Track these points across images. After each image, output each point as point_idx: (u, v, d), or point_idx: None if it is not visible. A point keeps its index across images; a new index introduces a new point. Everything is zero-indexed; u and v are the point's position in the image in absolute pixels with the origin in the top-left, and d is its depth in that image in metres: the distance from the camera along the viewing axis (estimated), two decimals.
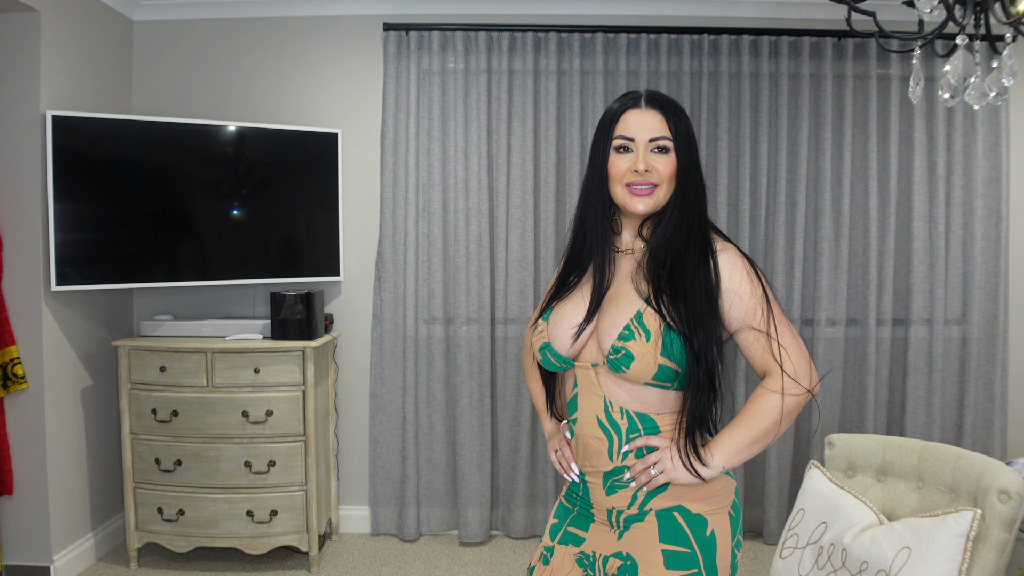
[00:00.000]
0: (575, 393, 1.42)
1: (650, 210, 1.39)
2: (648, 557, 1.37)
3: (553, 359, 1.42)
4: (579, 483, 1.46)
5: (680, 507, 1.38)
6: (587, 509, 1.45)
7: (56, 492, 3.06)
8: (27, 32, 2.90)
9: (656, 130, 1.37)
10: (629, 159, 1.37)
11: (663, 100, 1.39)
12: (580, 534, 1.46)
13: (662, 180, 1.37)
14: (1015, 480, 1.84)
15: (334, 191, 3.47)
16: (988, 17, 1.86)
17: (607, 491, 1.41)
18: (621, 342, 1.34)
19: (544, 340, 1.43)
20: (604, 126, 1.41)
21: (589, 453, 1.41)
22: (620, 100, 1.41)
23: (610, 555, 1.41)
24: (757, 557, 3.40)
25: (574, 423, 1.43)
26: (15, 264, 2.97)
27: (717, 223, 3.47)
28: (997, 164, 3.49)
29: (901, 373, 3.55)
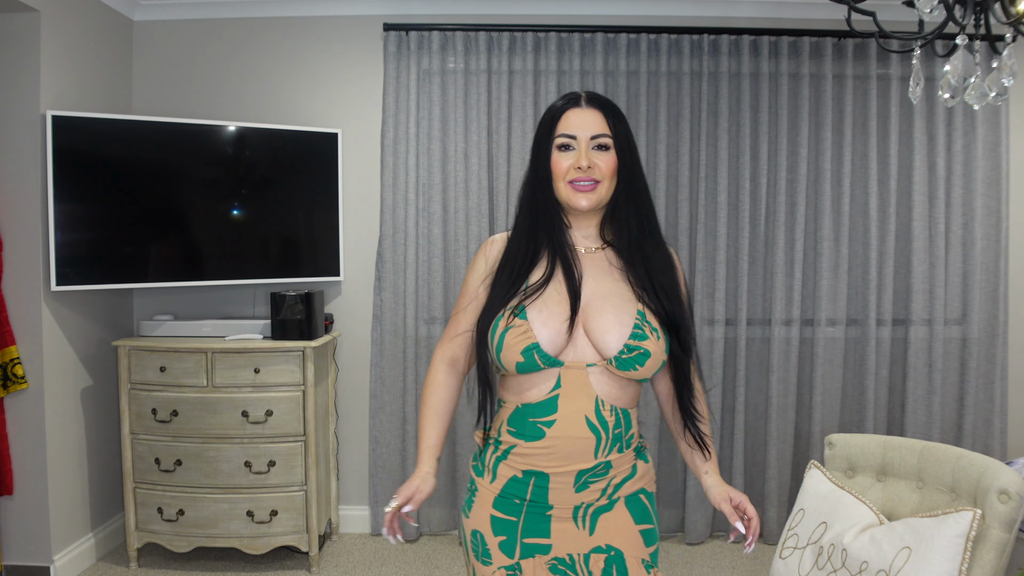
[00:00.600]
0: (554, 395, 1.40)
1: (592, 205, 1.43)
2: (631, 542, 1.42)
3: (540, 360, 1.38)
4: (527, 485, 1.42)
5: (643, 490, 1.48)
6: (542, 512, 1.42)
7: (56, 492, 3.06)
8: (27, 32, 2.90)
9: (597, 128, 1.41)
10: (572, 156, 1.41)
11: (602, 100, 1.44)
12: (542, 542, 1.42)
13: (604, 177, 1.42)
14: (1015, 480, 1.84)
15: (334, 191, 3.47)
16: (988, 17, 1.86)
17: (578, 488, 1.41)
18: (636, 341, 1.38)
19: (532, 340, 1.38)
20: (545, 125, 1.45)
21: (566, 453, 1.40)
22: (561, 100, 1.45)
23: (589, 552, 1.42)
24: (757, 557, 3.41)
25: (548, 425, 1.40)
26: (15, 264, 2.97)
27: (717, 223, 3.48)
28: (997, 164, 3.49)
29: (901, 373, 3.55)
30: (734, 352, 3.53)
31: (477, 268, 1.50)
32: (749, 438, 3.58)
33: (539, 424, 1.40)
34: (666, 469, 3.61)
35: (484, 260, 1.50)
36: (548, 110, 1.47)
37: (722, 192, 3.47)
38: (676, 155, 3.51)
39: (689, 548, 3.52)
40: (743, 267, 3.48)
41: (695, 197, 3.50)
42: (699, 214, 3.48)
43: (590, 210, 1.44)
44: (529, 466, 1.42)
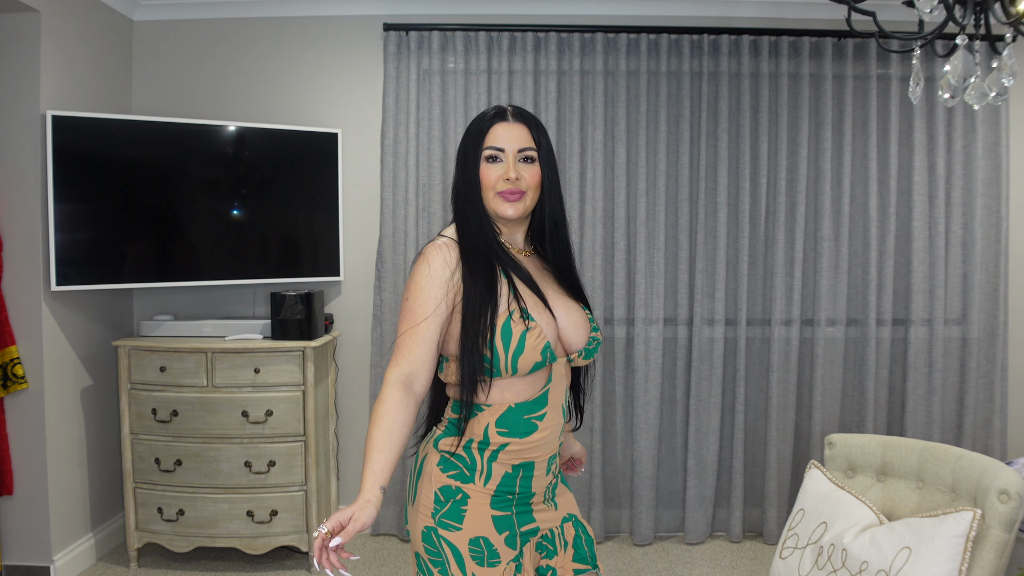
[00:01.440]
0: (546, 389, 1.48)
1: (519, 215, 1.50)
2: (574, 505, 1.63)
3: (549, 359, 1.46)
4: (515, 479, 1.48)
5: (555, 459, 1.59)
6: (527, 500, 1.51)
7: (56, 492, 3.06)
8: (27, 32, 2.90)
9: (523, 142, 1.49)
10: (500, 168, 1.48)
11: (527, 115, 1.53)
12: (532, 526, 1.52)
13: (529, 187, 1.50)
14: (1015, 480, 1.84)
15: (334, 191, 3.47)
16: (988, 17, 1.86)
17: (547, 471, 1.54)
18: (595, 333, 1.56)
19: (546, 340, 1.44)
20: (473, 137, 1.51)
21: (547, 440, 1.50)
22: (489, 113, 1.52)
23: (561, 523, 1.57)
24: (757, 557, 3.41)
25: (541, 419, 1.47)
26: (15, 264, 2.97)
27: (717, 223, 3.48)
28: (997, 164, 3.49)
29: (901, 373, 3.55)
30: (734, 352, 3.53)
31: (439, 277, 1.44)
32: (749, 438, 3.58)
33: (533, 419, 1.47)
34: (666, 469, 3.61)
35: (446, 267, 1.44)
36: (476, 121, 1.53)
37: (722, 192, 3.47)
38: (676, 155, 3.52)
39: (689, 548, 3.52)
40: (743, 267, 3.48)
41: (695, 197, 3.51)
42: (699, 214, 3.48)
43: (516, 219, 1.52)
44: (520, 459, 1.48)
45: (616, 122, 3.48)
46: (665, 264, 3.52)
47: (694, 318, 3.50)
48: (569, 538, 1.56)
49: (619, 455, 3.60)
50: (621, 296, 3.51)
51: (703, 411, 3.52)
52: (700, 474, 3.53)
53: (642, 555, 3.44)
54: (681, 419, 3.59)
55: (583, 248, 3.52)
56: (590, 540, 1.60)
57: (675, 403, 3.59)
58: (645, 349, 3.50)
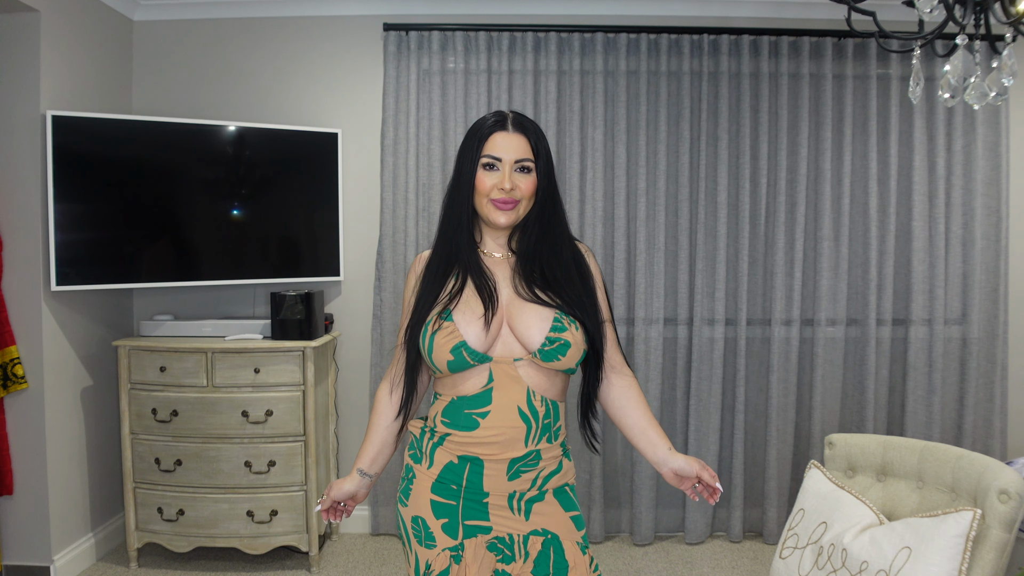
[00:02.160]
0: (489, 388, 1.50)
1: (511, 223, 1.54)
2: (564, 528, 1.55)
3: (468, 357, 1.49)
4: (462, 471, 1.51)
5: (567, 484, 1.59)
6: (479, 499, 1.51)
7: (56, 492, 3.06)
8: (27, 32, 2.90)
9: (521, 152, 1.52)
10: (496, 176, 1.51)
11: (527, 124, 1.56)
12: (482, 524, 1.51)
13: (523, 197, 1.53)
14: (1015, 480, 1.84)
15: (334, 191, 3.47)
16: (988, 17, 1.86)
17: (511, 476, 1.50)
18: (557, 333, 1.50)
19: (459, 339, 1.48)
20: (472, 142, 1.54)
21: (500, 441, 1.49)
22: (489, 120, 1.55)
23: (528, 534, 1.52)
24: (757, 557, 3.41)
25: (483, 416, 1.49)
26: (15, 264, 2.97)
27: (717, 223, 3.48)
28: (997, 164, 3.49)
29: (901, 373, 3.55)
30: (734, 352, 3.53)
31: (409, 286, 1.60)
32: (749, 438, 3.58)
33: (474, 415, 1.50)
34: None
35: (415, 277, 1.60)
36: (476, 126, 1.56)
37: (722, 192, 3.47)
38: (676, 155, 3.52)
39: (689, 548, 3.52)
40: (743, 267, 3.48)
41: (695, 197, 3.51)
42: (699, 214, 3.48)
43: (508, 226, 1.55)
44: (464, 452, 1.51)
45: (616, 122, 3.48)
46: (665, 264, 3.52)
47: (694, 318, 3.50)
48: (532, 551, 1.51)
49: (619, 455, 3.60)
50: (621, 296, 3.51)
51: (703, 411, 3.52)
52: None
53: (642, 555, 3.44)
54: (681, 419, 3.59)
55: None
56: (562, 566, 1.50)
57: (675, 403, 3.59)
58: (645, 349, 3.50)
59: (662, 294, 3.51)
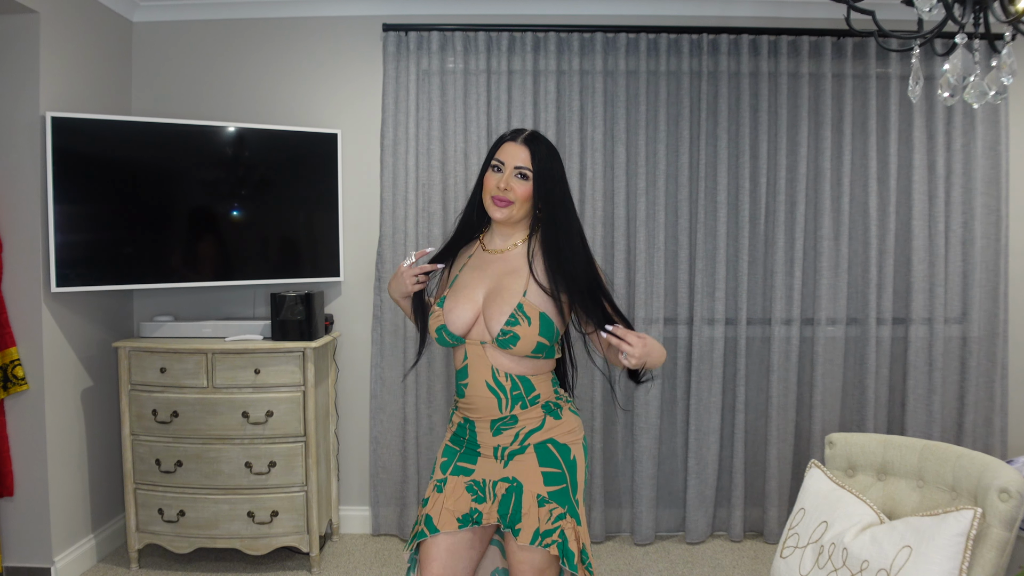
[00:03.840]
0: (466, 364, 1.82)
1: (504, 219, 1.81)
2: (531, 478, 1.79)
3: (447, 337, 1.82)
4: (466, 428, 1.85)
5: (551, 440, 1.82)
6: (474, 448, 1.85)
7: (57, 493, 3.06)
8: (26, 33, 2.90)
9: (521, 161, 1.79)
10: (498, 178, 1.80)
11: (537, 142, 1.81)
12: (469, 467, 1.84)
13: (517, 199, 1.79)
14: (1015, 479, 1.84)
15: (334, 191, 3.47)
16: (987, 16, 1.86)
17: (494, 433, 1.82)
18: (509, 326, 1.76)
19: (441, 323, 1.82)
20: (492, 148, 1.85)
21: (479, 407, 1.82)
22: (507, 133, 1.85)
23: (498, 480, 1.81)
24: (758, 556, 3.41)
25: (466, 386, 1.83)
26: (15, 265, 2.97)
27: (717, 223, 3.49)
28: (997, 163, 3.49)
29: (901, 372, 3.55)
30: (734, 352, 3.53)
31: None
32: (749, 437, 3.58)
33: (461, 386, 1.84)
34: (666, 468, 3.61)
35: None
36: (498, 139, 1.86)
37: (722, 192, 3.47)
38: (676, 155, 3.52)
39: (689, 547, 3.52)
40: (743, 267, 3.48)
41: (695, 197, 3.51)
42: (699, 214, 3.48)
43: (502, 222, 1.82)
44: (464, 415, 1.87)
45: (615, 122, 3.48)
46: (665, 264, 3.52)
47: (694, 318, 3.50)
48: (498, 493, 1.80)
49: (619, 455, 3.60)
50: (621, 296, 3.51)
51: (703, 410, 3.52)
52: (701, 474, 3.53)
53: (643, 555, 3.44)
54: (681, 419, 3.59)
55: None
56: (517, 507, 1.78)
57: (675, 403, 3.59)
58: None
59: (662, 294, 3.51)
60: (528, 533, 1.75)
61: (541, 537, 1.74)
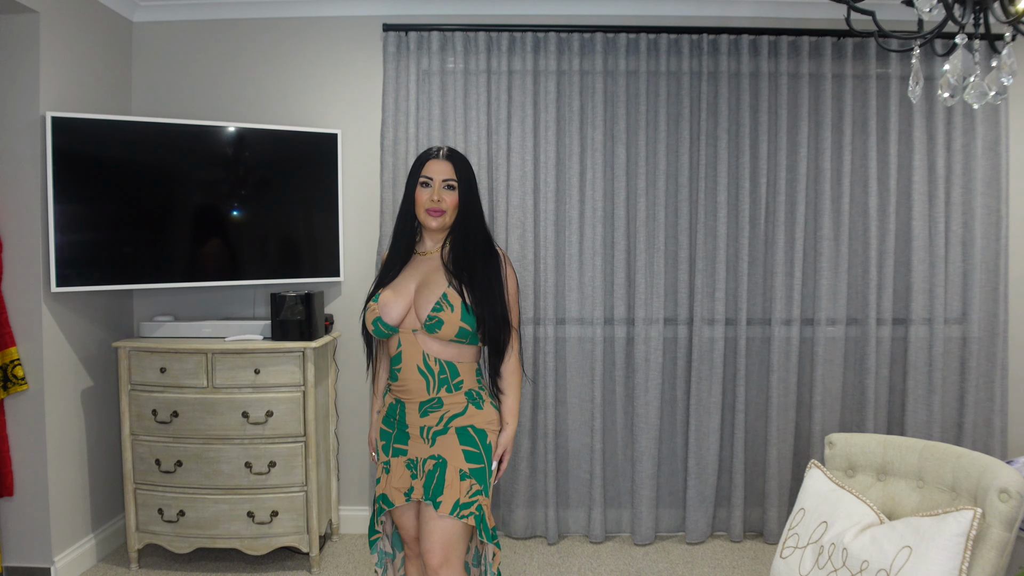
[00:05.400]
0: (399, 351, 2.06)
1: (439, 227, 2.08)
2: (454, 455, 2.05)
3: (384, 328, 2.06)
4: (396, 408, 2.10)
5: (471, 426, 2.08)
6: (404, 428, 2.09)
7: (56, 493, 3.06)
8: (27, 33, 2.90)
9: (447, 174, 2.07)
10: (429, 192, 2.07)
11: (455, 155, 2.10)
12: (403, 447, 2.09)
13: (448, 208, 2.07)
14: (1015, 479, 1.84)
15: (334, 192, 3.47)
16: (987, 16, 1.86)
17: (421, 414, 2.06)
18: (435, 312, 2.02)
19: (376, 315, 2.05)
20: (416, 167, 2.10)
21: (410, 389, 2.06)
22: (427, 152, 2.11)
23: (427, 458, 2.06)
24: (758, 557, 3.41)
25: (399, 370, 2.07)
26: (15, 265, 2.97)
27: (717, 223, 3.49)
28: (997, 163, 3.49)
29: (901, 372, 3.55)
30: (734, 352, 3.53)
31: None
32: (749, 437, 3.58)
33: (395, 370, 2.09)
34: (666, 469, 3.61)
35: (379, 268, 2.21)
36: (419, 156, 2.12)
37: (722, 192, 3.47)
38: (676, 155, 3.52)
39: (689, 548, 3.52)
40: (743, 267, 3.48)
41: (695, 197, 3.51)
42: (699, 214, 3.48)
43: (437, 230, 2.09)
44: (396, 396, 2.11)
45: (616, 122, 3.48)
46: (665, 264, 3.52)
47: (694, 318, 3.50)
48: (426, 470, 2.05)
49: (619, 455, 3.60)
50: (621, 296, 3.51)
51: (703, 411, 3.52)
52: (700, 474, 3.53)
53: (643, 555, 3.44)
54: (681, 419, 3.59)
55: (583, 248, 3.52)
56: (441, 482, 2.01)
57: (675, 403, 3.59)
58: (645, 349, 3.50)
59: (662, 294, 3.51)
60: (448, 504, 1.99)
61: (460, 508, 1.99)
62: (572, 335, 3.54)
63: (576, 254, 3.52)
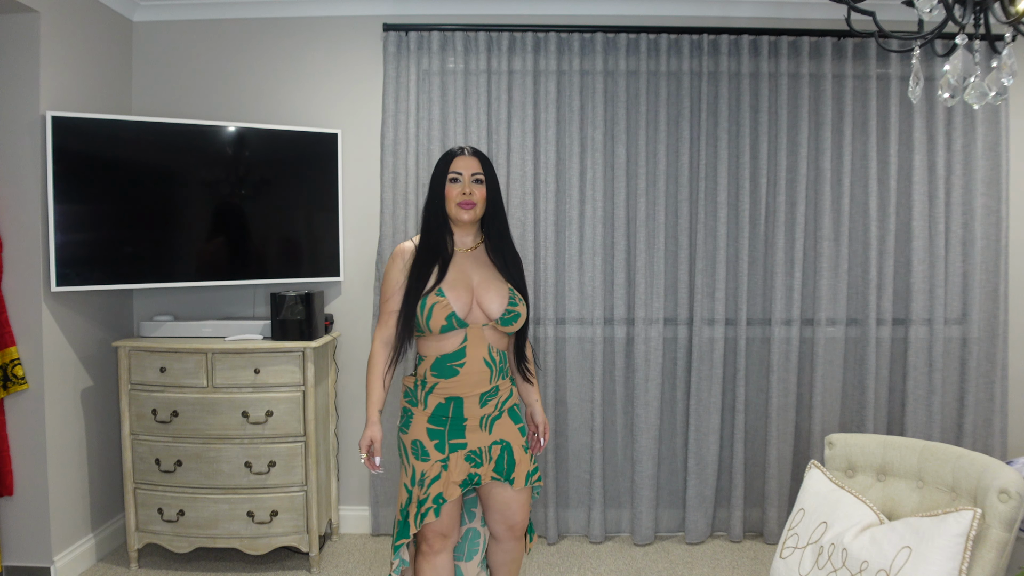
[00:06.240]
0: (463, 346, 2.13)
1: (472, 219, 2.19)
2: (513, 435, 2.22)
3: (455, 323, 2.11)
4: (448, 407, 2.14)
5: (515, 405, 2.26)
6: (460, 423, 2.15)
7: (56, 493, 3.06)
8: (27, 33, 2.90)
9: (475, 169, 2.19)
10: (459, 187, 2.17)
11: (478, 152, 2.22)
12: (461, 441, 2.15)
13: (478, 201, 2.18)
14: (1015, 479, 1.84)
15: (334, 191, 3.47)
16: (988, 16, 1.86)
17: (481, 405, 2.16)
18: (512, 307, 2.17)
19: (450, 311, 2.11)
20: (443, 164, 2.19)
21: (472, 382, 2.14)
22: (454, 150, 2.21)
23: (490, 444, 2.18)
24: (757, 557, 3.41)
25: (461, 366, 2.13)
26: (15, 264, 2.97)
27: (717, 223, 3.49)
28: (997, 164, 3.49)
29: (901, 373, 3.55)
30: (734, 352, 3.53)
31: (397, 267, 2.19)
32: (749, 438, 3.58)
33: (455, 367, 2.14)
34: (666, 469, 3.61)
35: (402, 262, 2.19)
36: (443, 156, 2.21)
37: (722, 192, 3.47)
38: (676, 155, 3.52)
39: (689, 548, 3.52)
40: (743, 267, 3.48)
41: (695, 197, 3.51)
42: (699, 214, 3.48)
43: (470, 222, 2.20)
44: (449, 394, 2.15)
45: (616, 122, 3.48)
46: (665, 264, 3.52)
47: (694, 318, 3.51)
48: (493, 455, 2.18)
49: (619, 455, 3.60)
50: (621, 296, 3.51)
51: (703, 411, 3.52)
52: (700, 474, 3.53)
53: (642, 555, 3.44)
54: (681, 419, 3.59)
55: (583, 248, 3.52)
56: (512, 462, 2.19)
57: (675, 403, 3.59)
58: (645, 349, 3.50)
59: (662, 294, 3.51)
60: (522, 478, 2.21)
61: (530, 477, 2.24)
62: (572, 335, 3.54)
63: (576, 254, 3.52)
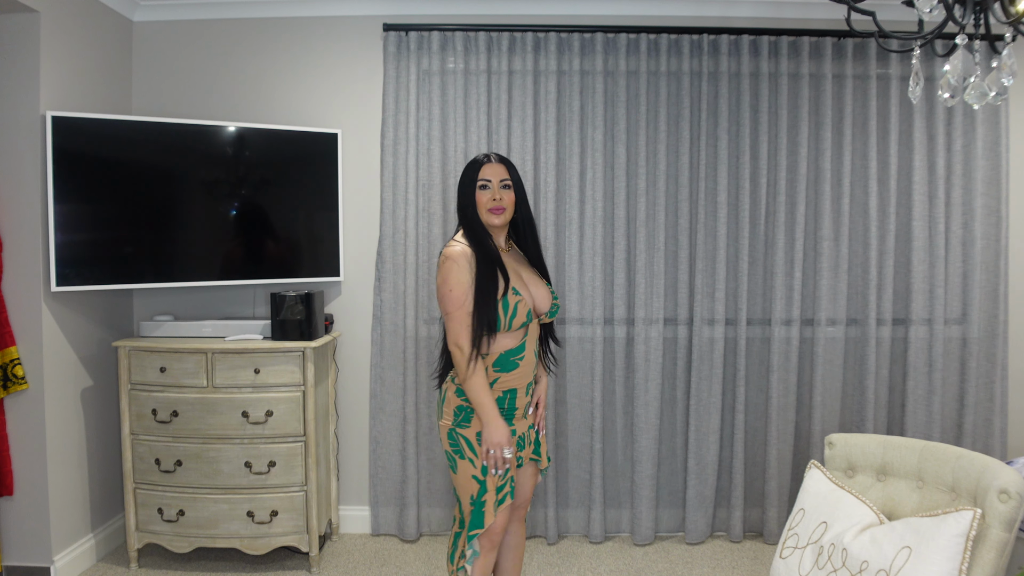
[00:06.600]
0: (524, 340, 2.28)
1: (503, 223, 2.31)
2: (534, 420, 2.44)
3: (528, 318, 2.27)
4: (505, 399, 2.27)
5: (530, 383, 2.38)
6: (513, 412, 2.31)
7: (56, 493, 3.06)
8: (27, 33, 2.90)
9: (503, 175, 2.31)
10: (488, 193, 2.29)
11: (504, 159, 2.34)
12: (513, 429, 2.32)
13: (508, 205, 2.31)
14: (1015, 480, 1.84)
15: (334, 191, 3.47)
16: (988, 17, 1.86)
17: (526, 394, 2.34)
18: (556, 300, 2.39)
19: (529, 307, 2.27)
20: (471, 172, 2.31)
21: (526, 373, 2.30)
22: (480, 159, 2.32)
23: (527, 428, 2.39)
24: (757, 557, 3.41)
25: (521, 359, 2.27)
26: (15, 264, 2.97)
27: (717, 223, 3.49)
28: (997, 164, 3.49)
29: (901, 373, 3.55)
30: (734, 352, 3.53)
31: (464, 270, 2.21)
32: (749, 438, 3.59)
33: (516, 360, 2.28)
34: (666, 469, 3.61)
35: (467, 264, 2.22)
36: (471, 164, 2.33)
37: (722, 192, 3.47)
38: (676, 155, 3.52)
39: (689, 548, 3.52)
40: (743, 267, 3.48)
41: (695, 197, 3.51)
42: (699, 214, 3.48)
43: (501, 226, 2.32)
44: (507, 387, 2.29)
45: (616, 122, 3.48)
46: (665, 264, 3.52)
47: (694, 318, 3.51)
48: (531, 439, 2.40)
49: (619, 455, 3.60)
50: (621, 296, 3.51)
51: (703, 411, 3.52)
52: (700, 474, 3.53)
53: (642, 555, 3.44)
54: (681, 419, 3.59)
55: (583, 248, 3.52)
56: (537, 443, 2.45)
57: (675, 403, 3.59)
58: (645, 349, 3.50)
59: (662, 294, 3.51)
60: (545, 456, 2.48)
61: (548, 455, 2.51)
62: (572, 335, 3.54)
63: (576, 254, 3.52)
